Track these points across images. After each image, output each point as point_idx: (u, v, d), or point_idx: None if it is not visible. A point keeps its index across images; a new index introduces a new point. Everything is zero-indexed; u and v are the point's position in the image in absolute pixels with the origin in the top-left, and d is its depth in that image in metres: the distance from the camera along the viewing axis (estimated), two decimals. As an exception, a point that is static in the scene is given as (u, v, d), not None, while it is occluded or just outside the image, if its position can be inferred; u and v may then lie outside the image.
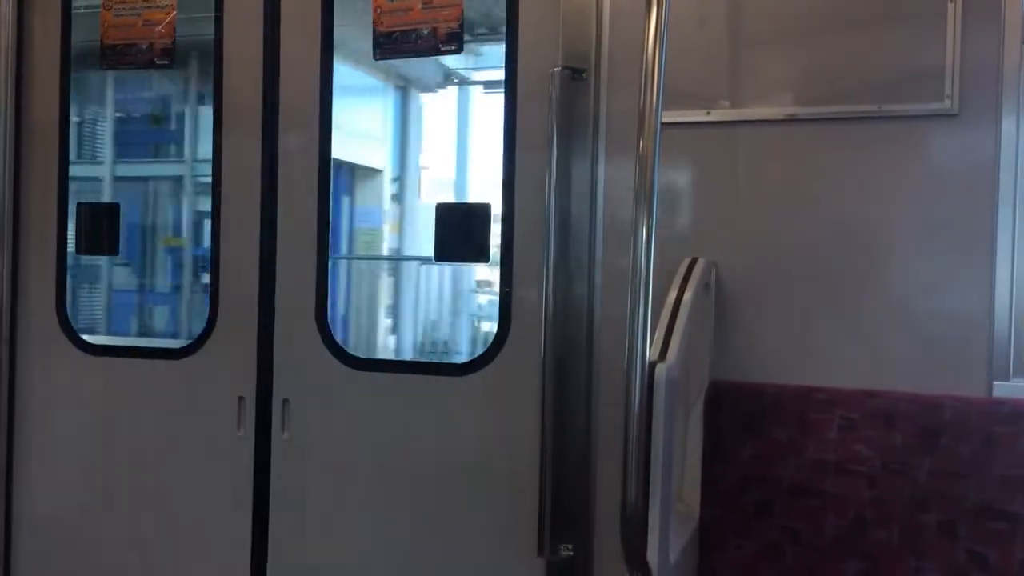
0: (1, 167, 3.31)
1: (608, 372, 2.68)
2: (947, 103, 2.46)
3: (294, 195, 3.06)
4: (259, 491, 3.09)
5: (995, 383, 2.40)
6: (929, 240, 2.50)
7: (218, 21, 3.15)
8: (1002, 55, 2.43)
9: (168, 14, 3.21)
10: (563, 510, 2.64)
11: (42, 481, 3.36)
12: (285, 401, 3.05)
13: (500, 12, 2.90)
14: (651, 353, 2.15)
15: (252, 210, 3.09)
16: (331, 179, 3.06)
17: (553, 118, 2.65)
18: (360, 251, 5.96)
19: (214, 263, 3.16)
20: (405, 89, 6.03)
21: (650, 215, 2.11)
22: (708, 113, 2.66)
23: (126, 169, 6.12)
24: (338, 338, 3.05)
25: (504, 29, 2.86)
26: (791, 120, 2.60)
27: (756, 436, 2.48)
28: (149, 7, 3.24)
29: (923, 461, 2.34)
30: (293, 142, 3.07)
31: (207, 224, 3.58)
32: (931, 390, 2.40)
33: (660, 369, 2.15)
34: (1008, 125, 2.42)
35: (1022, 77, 2.42)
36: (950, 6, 2.45)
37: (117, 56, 3.28)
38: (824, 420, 2.44)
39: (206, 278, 4.07)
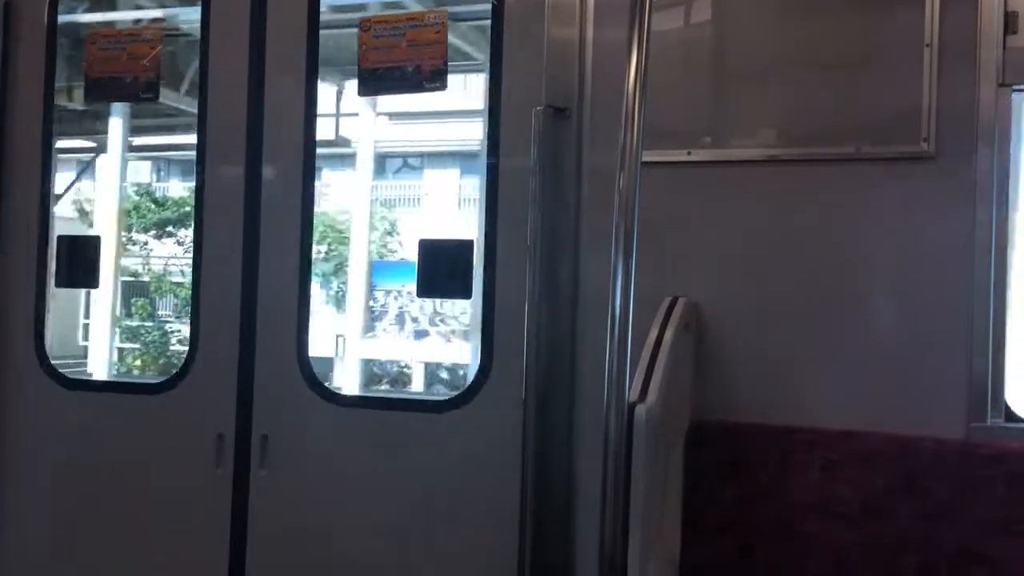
0: (-18, 199, 3.30)
1: (591, 410, 2.67)
2: (924, 145, 2.48)
3: (277, 230, 3.05)
4: (237, 529, 3.05)
5: (973, 424, 2.41)
6: (907, 281, 2.51)
7: (203, 54, 3.16)
8: (978, 97, 2.46)
9: (153, 48, 3.22)
10: (544, 551, 2.62)
11: (17, 516, 3.30)
12: (264, 438, 3.02)
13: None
14: (631, 394, 2.14)
15: (234, 245, 3.08)
16: (314, 213, 3.06)
17: (536, 155, 2.66)
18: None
19: (194, 298, 3.14)
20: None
21: (629, 254, 2.11)
22: (689, 153, 2.68)
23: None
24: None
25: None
26: (771, 161, 2.62)
27: (738, 477, 2.47)
28: (134, 40, 3.24)
29: (902, 503, 2.33)
30: (276, 178, 3.07)
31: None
32: (910, 431, 2.40)
33: (640, 410, 2.14)
34: (984, 166, 2.45)
35: (997, 118, 2.45)
36: (926, 50, 2.48)
37: (102, 89, 3.29)
38: (805, 461, 2.43)
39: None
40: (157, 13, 3.55)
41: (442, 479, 2.85)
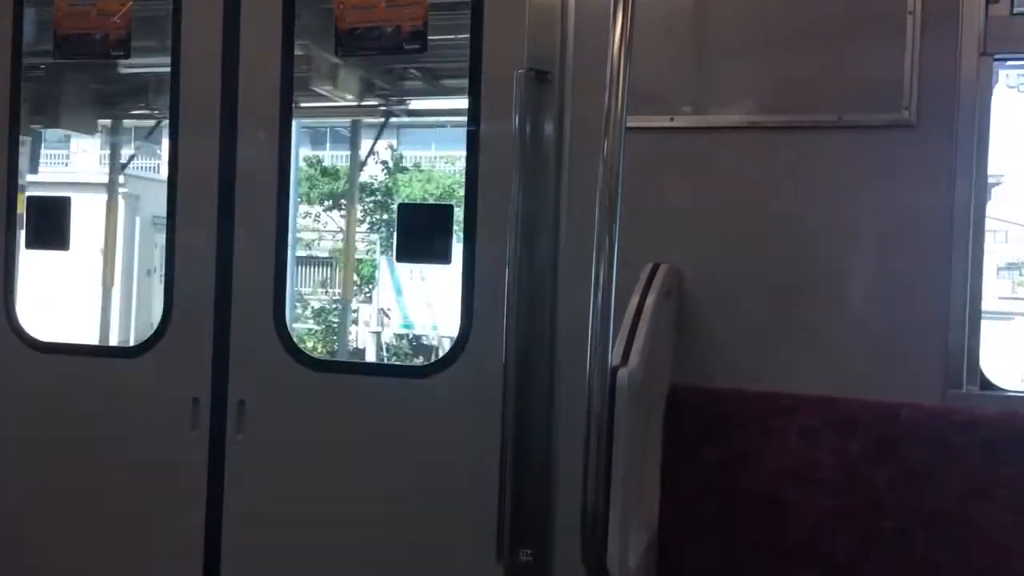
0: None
1: (571, 375, 2.66)
2: (905, 114, 2.49)
3: (253, 194, 3.00)
4: (212, 493, 3.03)
5: (949, 391, 2.44)
6: (886, 248, 2.53)
7: (176, 15, 3.08)
8: (959, 66, 2.47)
9: (124, 4, 3.13)
10: (523, 515, 2.63)
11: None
12: (241, 402, 2.99)
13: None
14: (613, 358, 2.14)
15: (209, 208, 3.02)
16: (291, 178, 3.01)
17: (518, 119, 2.63)
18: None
19: (169, 261, 3.09)
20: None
21: (613, 219, 2.11)
22: (672, 119, 2.67)
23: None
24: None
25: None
26: (753, 127, 2.61)
27: (717, 442, 2.49)
28: (104, -4, 3.15)
29: (881, 469, 2.36)
30: (253, 141, 3.01)
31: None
32: (888, 397, 2.43)
33: (622, 374, 2.14)
34: (965, 135, 2.46)
35: (979, 88, 2.46)
36: (908, 18, 2.48)
37: (71, 46, 3.19)
38: (785, 427, 2.45)
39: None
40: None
41: (421, 444, 2.84)
